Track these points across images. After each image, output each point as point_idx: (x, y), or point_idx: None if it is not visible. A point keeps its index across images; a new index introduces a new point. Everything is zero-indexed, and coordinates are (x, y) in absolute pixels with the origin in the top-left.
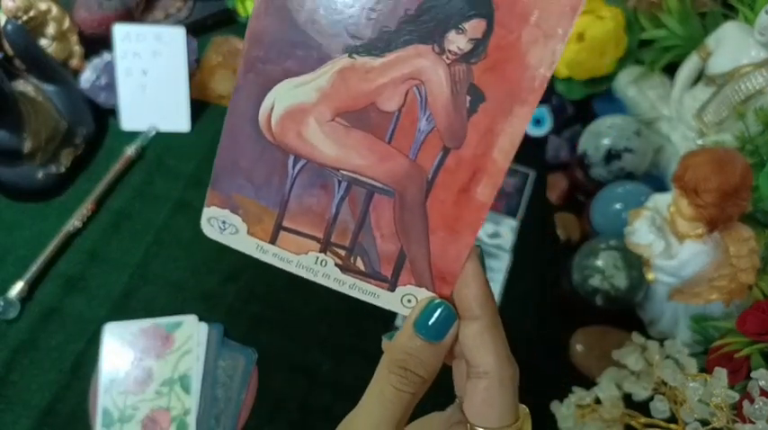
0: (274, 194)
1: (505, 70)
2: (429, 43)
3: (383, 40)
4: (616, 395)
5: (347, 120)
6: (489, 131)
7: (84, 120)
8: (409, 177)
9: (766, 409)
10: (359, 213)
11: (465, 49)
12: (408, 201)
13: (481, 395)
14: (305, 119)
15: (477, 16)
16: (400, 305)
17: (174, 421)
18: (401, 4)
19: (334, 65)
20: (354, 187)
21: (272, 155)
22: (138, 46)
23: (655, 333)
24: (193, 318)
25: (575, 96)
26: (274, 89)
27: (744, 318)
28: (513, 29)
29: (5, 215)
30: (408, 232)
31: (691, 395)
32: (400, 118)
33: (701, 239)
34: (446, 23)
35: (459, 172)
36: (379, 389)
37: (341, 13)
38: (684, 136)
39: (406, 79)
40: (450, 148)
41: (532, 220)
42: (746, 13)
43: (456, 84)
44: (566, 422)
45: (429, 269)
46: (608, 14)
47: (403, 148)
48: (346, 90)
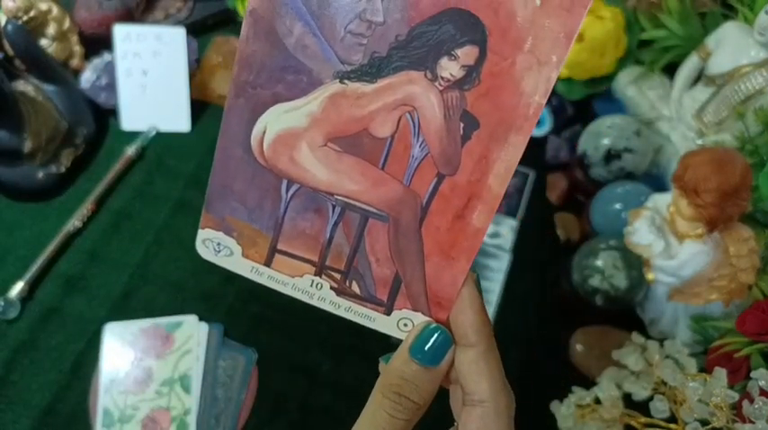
0: (267, 218)
1: (499, 97)
2: (421, 69)
3: (374, 65)
4: (616, 395)
5: (340, 146)
6: (484, 158)
7: (84, 121)
8: (403, 203)
9: (766, 409)
10: (353, 237)
11: (458, 76)
12: (403, 226)
13: (476, 423)
14: (297, 144)
15: (470, 43)
16: (396, 329)
17: (175, 421)
18: (392, 29)
19: (325, 90)
20: (348, 212)
21: (264, 179)
22: (139, 46)
23: (655, 333)
24: (193, 318)
25: (574, 96)
26: (266, 114)
27: (743, 318)
28: (507, 56)
29: (6, 215)
30: (403, 257)
31: (690, 395)
32: (393, 144)
33: (701, 239)
34: (438, 50)
35: (453, 198)
36: (371, 414)
37: (332, 43)
38: (684, 136)
39: (398, 105)
40: (445, 175)
41: (532, 220)
42: (746, 14)
43: (449, 110)
44: (565, 422)
45: (425, 293)
46: (608, 15)
47: (397, 174)
48: (338, 116)
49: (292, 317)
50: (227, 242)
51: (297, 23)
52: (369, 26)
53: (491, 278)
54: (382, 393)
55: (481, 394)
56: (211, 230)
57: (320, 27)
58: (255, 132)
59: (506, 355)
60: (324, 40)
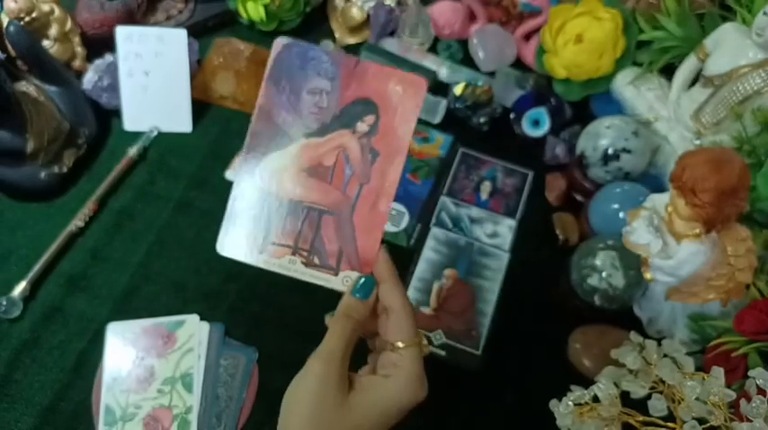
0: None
1: (388, 139)
2: (348, 128)
3: (323, 129)
4: (614, 393)
5: (306, 173)
6: (383, 172)
7: (86, 121)
8: (342, 203)
9: (763, 408)
10: (314, 228)
11: (366, 130)
12: (343, 218)
13: (393, 322)
14: (282, 175)
15: (370, 113)
16: (341, 284)
17: (176, 419)
18: (332, 109)
19: (298, 143)
20: (311, 212)
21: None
22: (141, 47)
23: (653, 332)
24: (195, 317)
25: (573, 97)
26: (265, 160)
27: (741, 317)
28: (389, 118)
29: (8, 215)
30: (344, 237)
31: (688, 393)
32: (335, 169)
33: (699, 239)
34: (355, 118)
35: (369, 196)
36: (333, 328)
37: (301, 118)
38: (682, 136)
39: (336, 148)
40: (363, 184)
41: (531, 220)
42: (744, 15)
43: (363, 148)
44: (564, 420)
45: (357, 258)
46: (606, 16)
47: (338, 186)
48: (306, 157)
49: (293, 316)
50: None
51: (282, 111)
52: (320, 109)
53: (490, 277)
54: (337, 317)
55: (394, 305)
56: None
57: (296, 111)
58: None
59: (505, 354)
60: (297, 118)
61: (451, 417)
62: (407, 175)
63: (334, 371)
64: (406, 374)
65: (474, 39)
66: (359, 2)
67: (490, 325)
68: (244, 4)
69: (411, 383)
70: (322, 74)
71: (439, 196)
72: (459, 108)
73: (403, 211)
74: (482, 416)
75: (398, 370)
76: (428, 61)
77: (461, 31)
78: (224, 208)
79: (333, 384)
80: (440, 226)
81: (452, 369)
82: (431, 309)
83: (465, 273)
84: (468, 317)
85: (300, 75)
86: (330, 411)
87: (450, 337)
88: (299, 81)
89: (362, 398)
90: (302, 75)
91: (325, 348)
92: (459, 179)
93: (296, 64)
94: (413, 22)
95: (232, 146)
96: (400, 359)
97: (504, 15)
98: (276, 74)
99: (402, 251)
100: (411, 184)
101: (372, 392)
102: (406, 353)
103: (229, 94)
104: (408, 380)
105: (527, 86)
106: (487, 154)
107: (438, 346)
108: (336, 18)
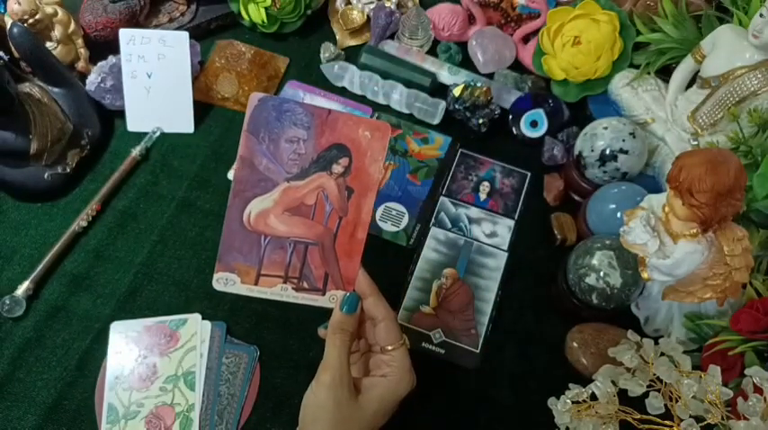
0: (254, 258)
1: (361, 178)
2: (325, 171)
3: (303, 173)
4: (612, 391)
5: (290, 212)
6: (358, 206)
7: (89, 122)
8: (324, 235)
9: (760, 406)
10: (302, 258)
11: (341, 172)
12: (326, 247)
13: (382, 329)
14: (268, 215)
15: (345, 157)
16: (328, 302)
17: (178, 417)
18: (309, 155)
19: (280, 187)
20: (298, 245)
21: (251, 238)
22: (143, 49)
23: (650, 331)
24: (197, 316)
25: (571, 98)
26: (251, 203)
27: (738, 316)
28: (361, 159)
29: (12, 215)
30: (328, 263)
31: (685, 392)
32: (316, 207)
33: (695, 239)
34: (331, 162)
35: (347, 227)
36: (331, 341)
37: (281, 164)
38: (679, 137)
39: (316, 189)
40: (343, 217)
41: (529, 220)
42: (741, 17)
43: (340, 187)
44: (562, 418)
45: (341, 279)
46: (604, 18)
47: (319, 221)
48: (288, 198)
49: (293, 315)
50: (231, 277)
51: (263, 159)
52: (298, 155)
53: (489, 277)
54: (333, 332)
55: (380, 315)
56: (222, 272)
57: (276, 159)
58: (245, 214)
59: (504, 352)
60: (278, 165)
61: (450, 415)
62: (407, 176)
63: (343, 378)
64: (400, 371)
65: (473, 41)
66: (359, 4)
67: (489, 323)
68: (245, 7)
69: (405, 376)
70: (298, 124)
71: (438, 196)
72: (457, 109)
73: (403, 211)
74: (481, 413)
75: (393, 368)
76: (427, 63)
77: (460, 33)
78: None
79: (344, 389)
80: (439, 226)
81: (451, 367)
82: (430, 307)
83: (464, 272)
84: (467, 315)
85: (277, 126)
86: (347, 412)
87: (450, 336)
88: (277, 131)
89: (370, 397)
90: (279, 126)
91: (329, 360)
92: (458, 179)
93: (272, 116)
94: (413, 25)
95: (234, 146)
96: (392, 359)
97: (502, 18)
98: (254, 126)
99: (402, 251)
100: (411, 185)
101: (376, 390)
102: (397, 353)
103: (231, 95)
104: (402, 376)
105: (525, 88)
106: (486, 155)
107: (437, 345)
108: (337, 20)
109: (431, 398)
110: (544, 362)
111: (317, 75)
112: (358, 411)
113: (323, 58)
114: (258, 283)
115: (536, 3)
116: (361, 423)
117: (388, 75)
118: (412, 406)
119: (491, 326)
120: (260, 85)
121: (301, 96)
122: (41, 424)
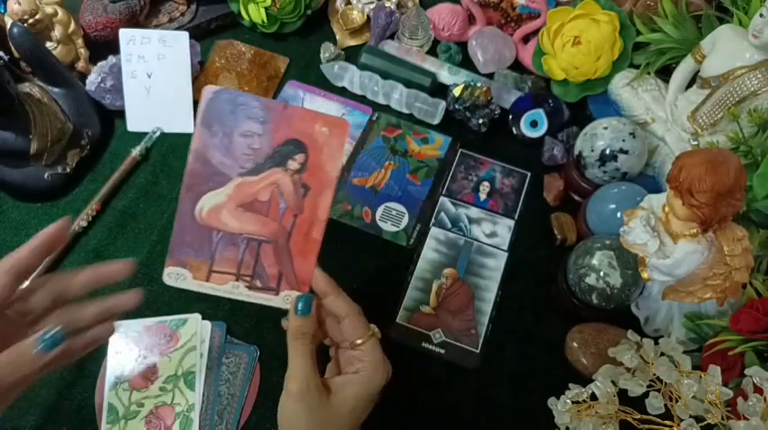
0: (206, 253)
1: (317, 175)
2: (280, 167)
3: (257, 168)
4: (612, 391)
5: (243, 208)
6: (314, 204)
7: (89, 122)
8: (278, 233)
9: (760, 406)
10: (255, 255)
11: (297, 168)
12: (280, 245)
13: (347, 325)
14: (221, 211)
15: (300, 152)
16: (283, 302)
17: (178, 417)
18: (264, 150)
19: (234, 182)
20: (251, 242)
21: (203, 233)
22: (143, 49)
23: (650, 331)
24: (197, 316)
25: (571, 98)
26: (203, 198)
27: (738, 316)
28: (318, 156)
29: (12, 215)
30: (282, 261)
31: (685, 392)
32: (270, 203)
33: (695, 239)
34: (287, 157)
35: (303, 226)
36: (292, 347)
37: (235, 159)
38: (679, 137)
39: (270, 184)
40: (298, 215)
41: (529, 220)
42: (741, 17)
43: (295, 184)
44: (562, 418)
45: (295, 279)
46: (604, 18)
47: (273, 218)
48: (241, 194)
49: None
50: (182, 272)
51: (217, 153)
52: (253, 150)
53: (489, 277)
54: (293, 337)
55: (343, 312)
56: (173, 267)
57: (229, 153)
58: (198, 208)
59: (504, 352)
60: (231, 159)
61: (450, 415)
62: (407, 176)
63: (311, 384)
64: (372, 363)
65: (473, 41)
66: (359, 4)
67: (489, 323)
68: (245, 7)
69: (378, 368)
70: (252, 118)
71: (438, 196)
72: (457, 109)
73: (403, 211)
74: (481, 413)
75: (365, 363)
76: (427, 63)
77: (460, 33)
78: None
79: (314, 394)
80: (439, 226)
81: (451, 367)
82: (430, 307)
83: (464, 272)
84: (467, 315)
85: (231, 119)
86: (321, 416)
87: (450, 336)
88: (231, 125)
89: (344, 396)
90: (233, 119)
91: (294, 368)
92: (458, 179)
93: (226, 109)
94: (413, 25)
95: None
96: (363, 353)
97: (502, 18)
98: (207, 119)
99: (402, 251)
100: (411, 185)
101: (350, 388)
102: (366, 347)
103: None
104: (375, 368)
105: (525, 88)
106: (486, 155)
107: (437, 345)
108: (337, 20)
109: (431, 398)
110: (544, 362)
111: (317, 75)
112: (332, 413)
113: (323, 58)
114: (210, 280)
115: (536, 3)
116: (338, 423)
117: (388, 75)
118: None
119: (491, 326)
120: (260, 85)
121: (301, 96)
122: (41, 424)
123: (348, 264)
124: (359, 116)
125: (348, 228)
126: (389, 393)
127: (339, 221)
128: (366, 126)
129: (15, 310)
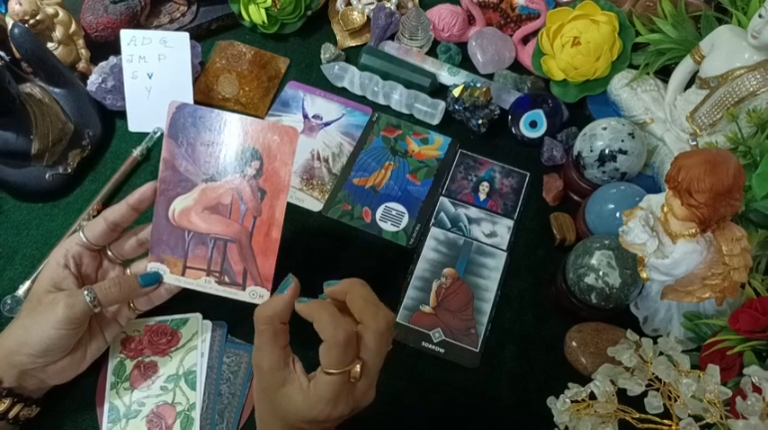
0: (180, 251)
1: (272, 180)
2: (238, 173)
3: (218, 175)
4: (611, 391)
5: (209, 211)
6: (271, 207)
7: (90, 123)
8: (241, 233)
9: (759, 405)
10: (222, 253)
11: (253, 174)
12: (243, 244)
13: (321, 349)
14: (190, 213)
15: (256, 159)
16: (249, 297)
17: (179, 416)
18: (223, 158)
19: (199, 188)
20: (218, 241)
21: (176, 232)
22: (144, 50)
23: (649, 330)
24: (198, 315)
25: (570, 99)
26: (174, 201)
27: (736, 316)
28: (272, 162)
29: (14, 215)
30: (246, 259)
31: (684, 391)
32: (232, 206)
33: (694, 239)
34: (244, 164)
35: (262, 226)
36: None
37: (199, 166)
38: (678, 137)
39: (231, 189)
40: (257, 216)
41: (529, 220)
42: (740, 17)
43: (253, 189)
44: (561, 417)
45: (259, 275)
46: (603, 19)
47: (236, 220)
48: (206, 198)
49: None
50: (162, 267)
51: (183, 161)
52: (214, 158)
53: (489, 277)
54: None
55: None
56: (154, 263)
57: (194, 161)
58: (170, 211)
59: (503, 352)
60: (196, 167)
61: (450, 415)
62: (407, 176)
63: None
64: (316, 392)
65: (472, 41)
66: (359, 5)
67: (488, 323)
68: (246, 8)
69: (317, 401)
70: (212, 129)
71: (438, 196)
72: (457, 110)
73: (403, 211)
74: (480, 413)
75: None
76: (427, 64)
77: (460, 34)
78: None
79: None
80: (439, 226)
81: (451, 366)
82: (430, 307)
83: (464, 272)
84: (467, 315)
85: (193, 131)
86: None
87: (449, 335)
88: (193, 136)
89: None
90: (195, 131)
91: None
92: (458, 180)
93: (189, 122)
94: (412, 26)
95: None
96: (318, 379)
97: (502, 18)
98: (173, 131)
99: (402, 251)
100: (411, 185)
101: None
102: (322, 377)
103: (232, 95)
104: (315, 398)
105: (524, 88)
106: (486, 155)
107: (437, 344)
108: (337, 21)
109: (431, 397)
110: (543, 361)
111: (318, 75)
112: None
113: (323, 58)
114: (185, 275)
115: (535, 3)
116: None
117: (388, 75)
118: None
119: (491, 326)
120: (260, 86)
121: (302, 96)
122: (42, 424)
123: (348, 264)
124: (359, 116)
125: (348, 228)
126: (389, 393)
127: (339, 221)
128: (366, 126)
129: (114, 252)
